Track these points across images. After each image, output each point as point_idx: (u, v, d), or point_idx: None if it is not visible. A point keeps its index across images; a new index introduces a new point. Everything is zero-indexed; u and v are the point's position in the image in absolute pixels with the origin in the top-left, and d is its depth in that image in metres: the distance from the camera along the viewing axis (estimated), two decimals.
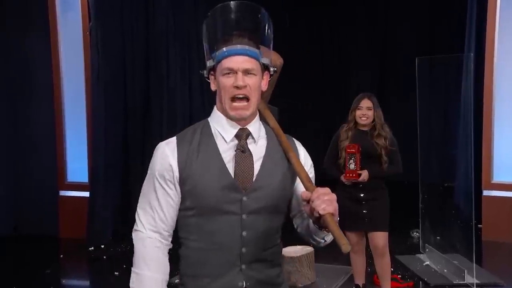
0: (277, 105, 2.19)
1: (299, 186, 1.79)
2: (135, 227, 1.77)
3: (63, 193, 6.29)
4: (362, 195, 3.89)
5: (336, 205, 1.58)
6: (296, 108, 9.20)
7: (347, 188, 3.91)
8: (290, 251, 4.36)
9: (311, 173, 1.86)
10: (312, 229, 1.74)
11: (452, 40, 7.68)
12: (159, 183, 1.73)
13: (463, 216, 5.49)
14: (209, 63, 1.78)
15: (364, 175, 3.83)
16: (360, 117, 3.92)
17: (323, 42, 9.65)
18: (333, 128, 4.21)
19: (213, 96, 1.83)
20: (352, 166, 3.85)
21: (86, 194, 6.04)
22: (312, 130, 9.16)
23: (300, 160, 1.82)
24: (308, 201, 1.59)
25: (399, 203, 4.99)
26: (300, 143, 1.92)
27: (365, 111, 3.92)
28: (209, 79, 1.81)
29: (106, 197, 5.95)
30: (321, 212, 1.55)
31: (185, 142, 1.75)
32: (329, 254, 5.24)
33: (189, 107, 6.65)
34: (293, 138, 1.91)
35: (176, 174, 1.71)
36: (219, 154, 1.73)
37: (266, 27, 1.85)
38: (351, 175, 3.86)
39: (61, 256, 5.82)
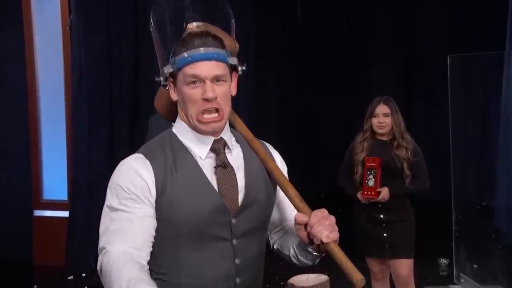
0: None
1: (280, 197, 1.79)
2: (103, 255, 1.62)
3: (38, 212, 6.23)
4: (381, 216, 3.82)
5: (337, 230, 1.57)
6: (305, 112, 9.16)
7: (366, 208, 3.85)
8: (302, 279, 4.27)
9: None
10: (300, 251, 1.72)
11: (490, 35, 7.62)
12: (134, 202, 1.62)
13: (505, 241, 5.41)
14: (167, 69, 1.72)
15: (384, 193, 3.77)
16: (377, 126, 3.88)
17: (338, 32, 9.58)
18: (350, 135, 4.17)
19: None
20: (370, 183, 3.80)
21: (65, 214, 5.99)
22: (324, 139, 9.11)
23: (277, 166, 1.80)
24: (305, 226, 1.57)
25: (429, 225, 4.92)
26: (271, 146, 1.90)
27: (382, 118, 3.87)
28: (166, 87, 1.75)
29: (89, 217, 5.86)
30: (325, 240, 1.53)
31: (158, 159, 1.67)
32: (348, 283, 5.20)
33: None
34: (264, 142, 1.88)
35: (154, 199, 1.63)
36: (202, 172, 1.67)
37: (228, 13, 1.84)
38: (369, 193, 3.80)
39: (35, 286, 5.75)
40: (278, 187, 1.80)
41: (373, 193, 3.79)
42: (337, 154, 4.52)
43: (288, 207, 1.87)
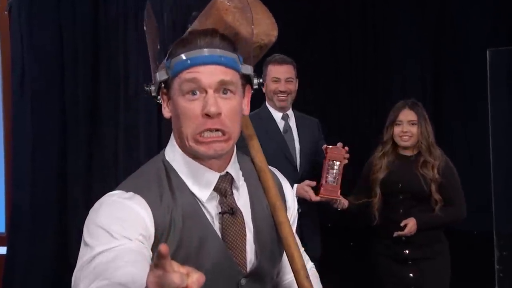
0: None
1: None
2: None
3: None
4: (407, 252, 3.80)
5: None
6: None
7: (386, 241, 3.83)
8: None
9: (295, 221, 1.84)
10: None
11: None
12: (124, 239, 1.47)
13: None
14: (160, 76, 1.62)
15: (410, 226, 3.74)
16: (400, 136, 3.88)
17: (350, 24, 9.63)
18: (364, 150, 4.17)
19: None
20: (330, 179, 3.73)
21: (2, 250, 5.96)
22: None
23: (288, 206, 1.78)
24: None
25: (466, 263, 4.89)
26: (281, 174, 1.86)
27: (407, 127, 3.88)
28: (159, 100, 1.67)
29: (32, 254, 5.84)
30: None
31: (156, 199, 1.55)
32: None
33: (157, 124, 6.55)
34: (273, 168, 1.83)
35: (151, 247, 1.52)
36: (206, 221, 1.60)
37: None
38: (327, 192, 3.72)
39: None
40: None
41: (333, 193, 3.71)
42: (348, 174, 4.50)
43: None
